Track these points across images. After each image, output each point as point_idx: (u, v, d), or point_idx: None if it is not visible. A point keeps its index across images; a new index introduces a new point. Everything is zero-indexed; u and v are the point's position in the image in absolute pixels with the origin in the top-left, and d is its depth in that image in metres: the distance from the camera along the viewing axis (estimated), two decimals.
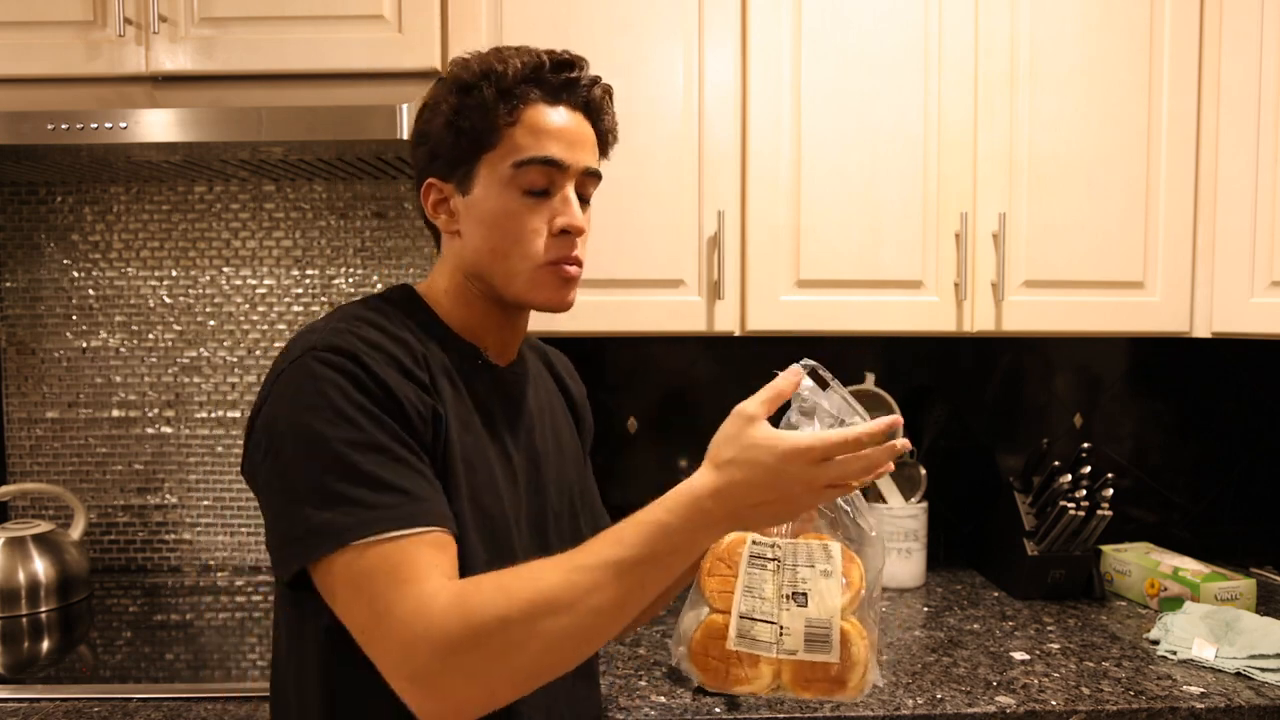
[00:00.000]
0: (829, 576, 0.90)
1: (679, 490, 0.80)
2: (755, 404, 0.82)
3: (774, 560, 0.91)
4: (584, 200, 0.99)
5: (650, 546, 0.78)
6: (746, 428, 0.80)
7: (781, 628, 0.88)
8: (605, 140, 1.02)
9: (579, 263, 0.97)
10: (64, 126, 1.42)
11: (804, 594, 0.89)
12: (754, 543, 0.92)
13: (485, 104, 0.92)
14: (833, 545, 0.92)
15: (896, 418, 0.83)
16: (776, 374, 0.93)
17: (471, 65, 0.95)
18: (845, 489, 0.81)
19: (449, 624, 0.75)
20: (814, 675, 0.88)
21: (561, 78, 0.95)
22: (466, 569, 0.89)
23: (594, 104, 0.98)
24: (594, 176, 0.99)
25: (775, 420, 0.93)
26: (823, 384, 0.95)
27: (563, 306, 0.98)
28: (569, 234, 0.95)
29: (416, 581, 0.77)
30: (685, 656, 0.91)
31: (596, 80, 0.98)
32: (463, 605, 0.76)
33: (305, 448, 0.81)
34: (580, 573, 0.78)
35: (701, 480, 0.80)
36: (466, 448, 0.92)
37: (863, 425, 0.79)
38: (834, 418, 0.93)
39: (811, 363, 0.94)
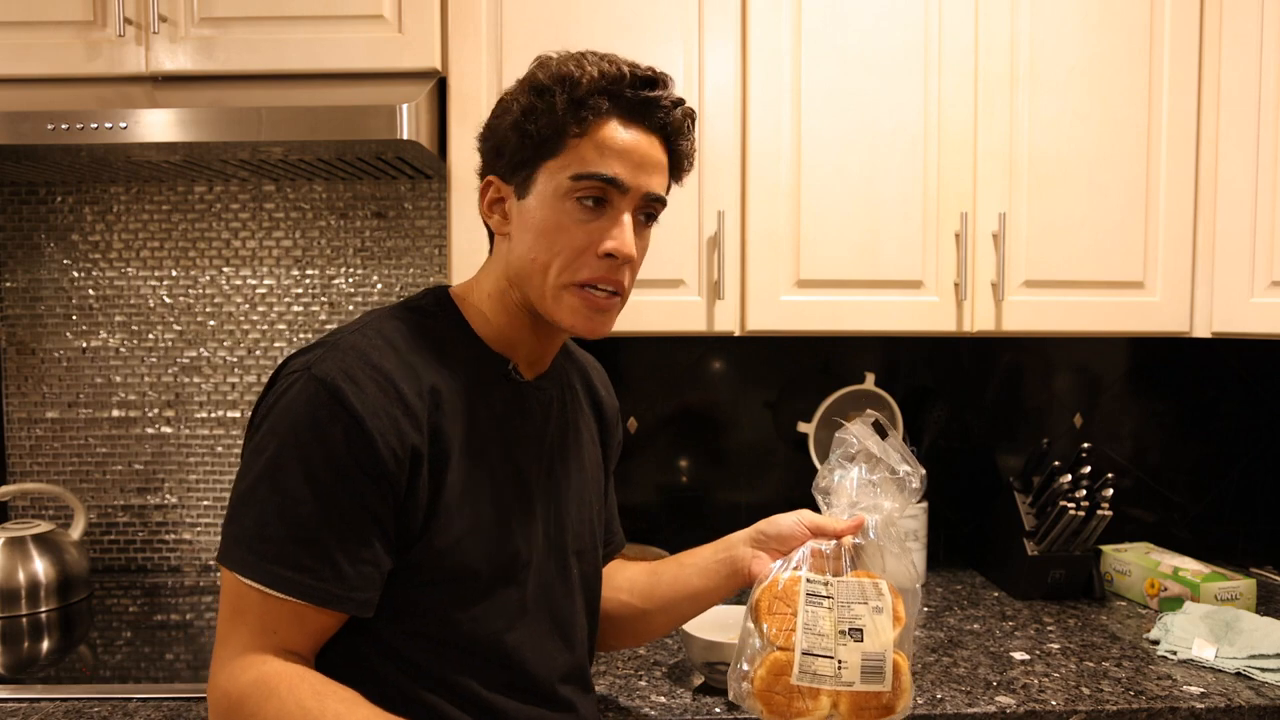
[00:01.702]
0: (880, 612, 0.95)
1: None
2: None
3: (828, 598, 0.95)
4: (650, 222, 0.96)
5: None
6: None
7: (840, 662, 0.93)
8: (680, 165, 0.98)
9: (621, 289, 0.93)
10: (64, 126, 1.42)
11: (860, 629, 0.94)
12: (808, 580, 0.96)
13: (555, 110, 0.89)
14: (881, 582, 0.97)
15: None
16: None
17: (550, 66, 0.92)
18: None
19: (227, 700, 0.82)
20: (867, 704, 0.94)
21: (641, 95, 0.91)
22: (472, 597, 0.91)
23: (672, 127, 0.94)
24: (657, 202, 0.95)
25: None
26: (883, 433, 1.01)
27: (590, 333, 0.94)
28: (614, 259, 0.91)
29: (247, 635, 0.84)
30: (750, 694, 0.95)
31: (680, 103, 0.94)
32: (243, 697, 0.81)
33: (254, 465, 0.85)
34: None
35: None
36: (472, 479, 0.92)
37: None
38: (878, 461, 0.99)
39: (875, 414, 1.03)
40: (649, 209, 0.95)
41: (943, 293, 1.62)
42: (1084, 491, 1.66)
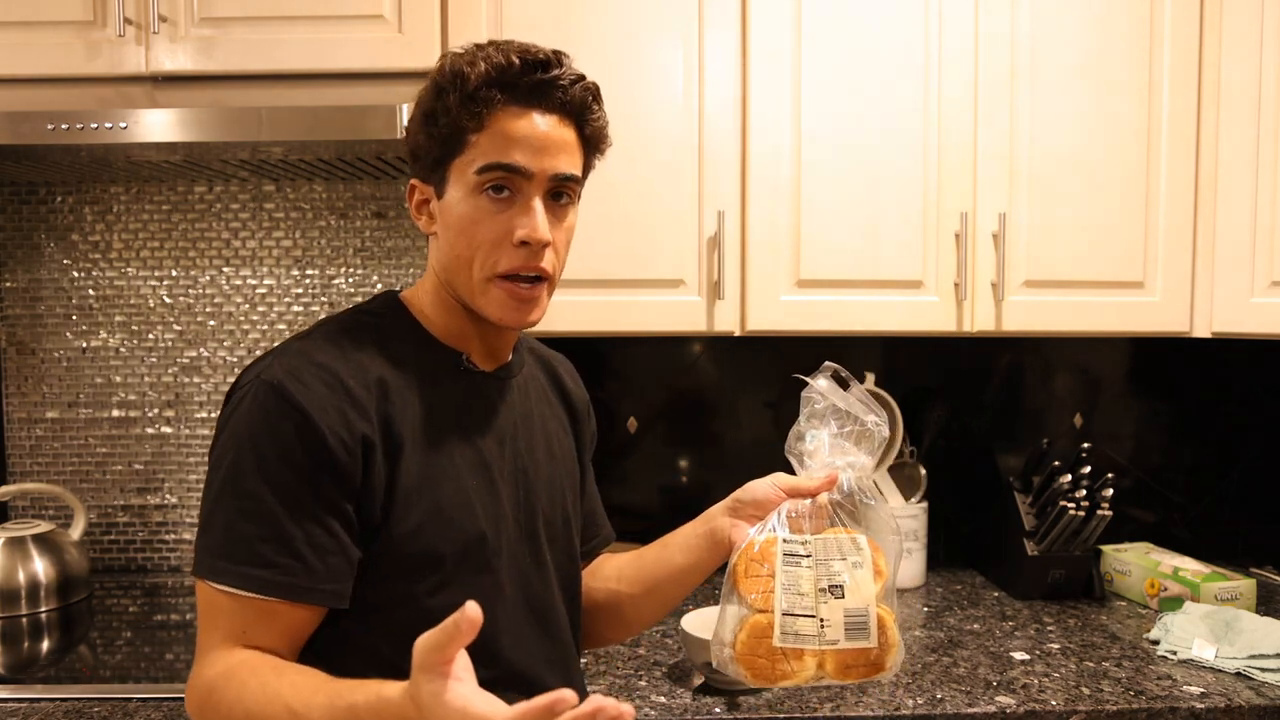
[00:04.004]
0: (860, 567, 0.93)
1: (387, 695, 0.72)
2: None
3: (807, 556, 0.93)
4: (565, 199, 0.96)
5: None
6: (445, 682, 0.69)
7: (822, 620, 0.91)
8: (592, 143, 0.98)
9: (542, 275, 0.94)
10: (64, 126, 1.42)
11: (840, 586, 0.92)
12: (785, 541, 0.94)
13: (451, 110, 0.91)
14: (860, 537, 0.95)
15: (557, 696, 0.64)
16: (799, 378, 0.98)
17: (446, 65, 0.93)
18: None
19: (197, 696, 0.84)
20: (854, 661, 0.92)
21: (535, 79, 0.90)
22: (441, 584, 0.92)
23: (573, 105, 0.93)
24: (571, 181, 0.95)
25: (786, 426, 0.98)
26: (844, 384, 0.99)
27: (517, 324, 0.95)
28: (529, 245, 0.92)
29: (218, 639, 0.85)
30: (731, 659, 0.93)
31: (579, 79, 0.94)
32: (211, 688, 0.83)
33: (215, 477, 0.88)
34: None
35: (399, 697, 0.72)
36: (430, 464, 0.92)
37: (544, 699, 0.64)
38: (846, 416, 0.97)
39: (833, 365, 0.99)
40: (560, 189, 0.95)
41: (943, 293, 1.62)
42: (1084, 491, 1.66)
